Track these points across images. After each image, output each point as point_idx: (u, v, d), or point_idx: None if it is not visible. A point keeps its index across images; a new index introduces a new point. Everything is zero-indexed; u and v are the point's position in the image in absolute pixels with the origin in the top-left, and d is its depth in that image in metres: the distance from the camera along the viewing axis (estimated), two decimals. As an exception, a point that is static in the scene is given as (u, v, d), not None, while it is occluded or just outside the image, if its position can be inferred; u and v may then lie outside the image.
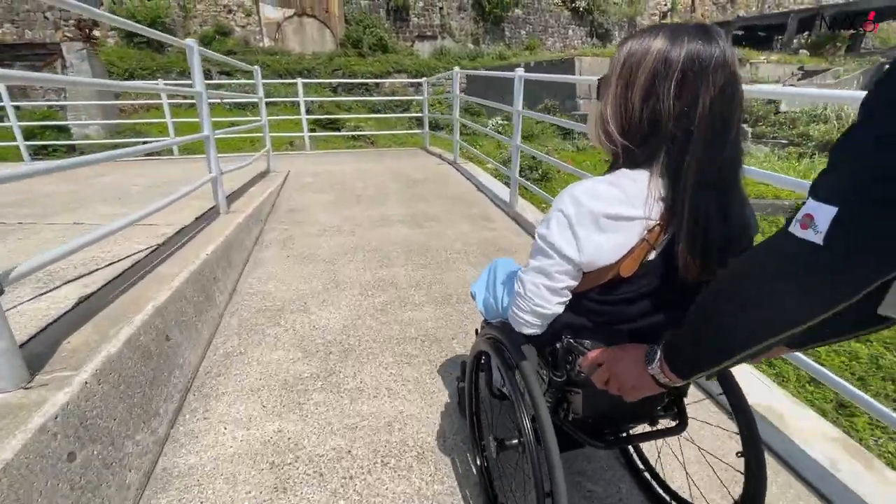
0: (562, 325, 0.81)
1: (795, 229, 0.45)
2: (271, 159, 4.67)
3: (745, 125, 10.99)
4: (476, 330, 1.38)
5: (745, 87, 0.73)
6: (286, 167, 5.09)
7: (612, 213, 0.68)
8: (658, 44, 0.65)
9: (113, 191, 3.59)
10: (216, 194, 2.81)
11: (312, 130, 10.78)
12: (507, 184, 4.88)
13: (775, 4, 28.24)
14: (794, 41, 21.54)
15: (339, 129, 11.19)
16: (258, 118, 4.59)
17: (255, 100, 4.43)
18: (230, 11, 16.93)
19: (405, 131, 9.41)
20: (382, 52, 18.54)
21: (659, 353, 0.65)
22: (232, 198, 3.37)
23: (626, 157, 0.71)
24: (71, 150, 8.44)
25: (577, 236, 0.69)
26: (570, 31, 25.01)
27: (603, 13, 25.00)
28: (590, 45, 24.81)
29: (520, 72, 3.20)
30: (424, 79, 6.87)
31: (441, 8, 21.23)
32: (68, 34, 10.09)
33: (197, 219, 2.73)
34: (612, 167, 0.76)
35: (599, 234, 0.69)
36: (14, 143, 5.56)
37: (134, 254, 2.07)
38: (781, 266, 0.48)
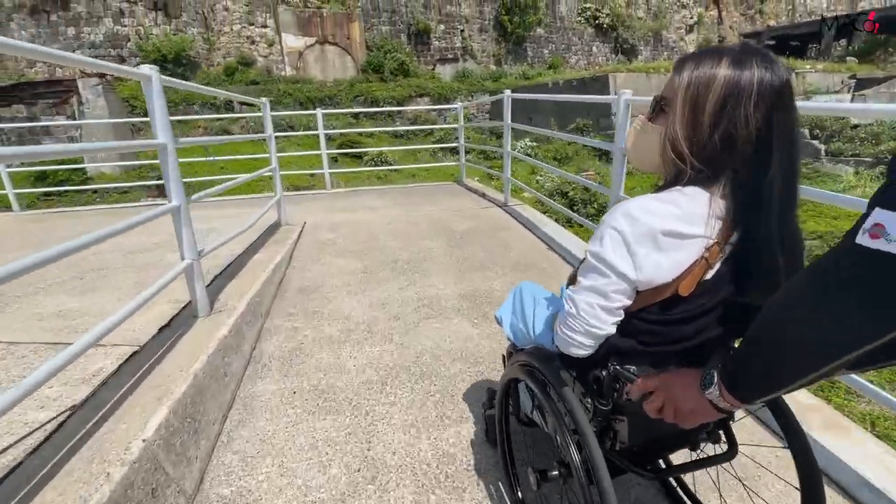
0: (607, 348, 0.78)
1: (864, 240, 0.43)
2: (284, 206, 3.81)
3: (816, 142, 9.73)
4: (502, 356, 1.33)
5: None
6: (302, 215, 4.23)
7: (670, 230, 0.67)
8: (724, 70, 0.65)
9: (83, 262, 2.75)
10: (192, 290, 1.90)
11: (335, 160, 10.09)
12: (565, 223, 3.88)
13: (807, 13, 27.12)
14: (833, 49, 20.29)
15: (361, 158, 10.47)
16: (280, 154, 3.74)
17: (264, 137, 3.60)
18: (253, 42, 16.87)
19: (438, 164, 8.49)
20: (404, 77, 18.16)
21: (716, 376, 0.63)
22: (225, 276, 2.47)
23: (691, 176, 0.70)
24: (80, 193, 7.92)
25: (633, 254, 0.68)
26: (595, 48, 24.64)
27: (627, 28, 24.65)
28: (615, 62, 24.29)
29: (626, 95, 2.22)
30: (460, 104, 6.01)
31: (462, 31, 20.95)
32: (84, 70, 9.82)
33: (162, 329, 1.82)
34: (666, 186, 0.74)
35: (658, 252, 0.67)
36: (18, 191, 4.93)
37: (15, 442, 1.15)
38: (851, 279, 0.45)
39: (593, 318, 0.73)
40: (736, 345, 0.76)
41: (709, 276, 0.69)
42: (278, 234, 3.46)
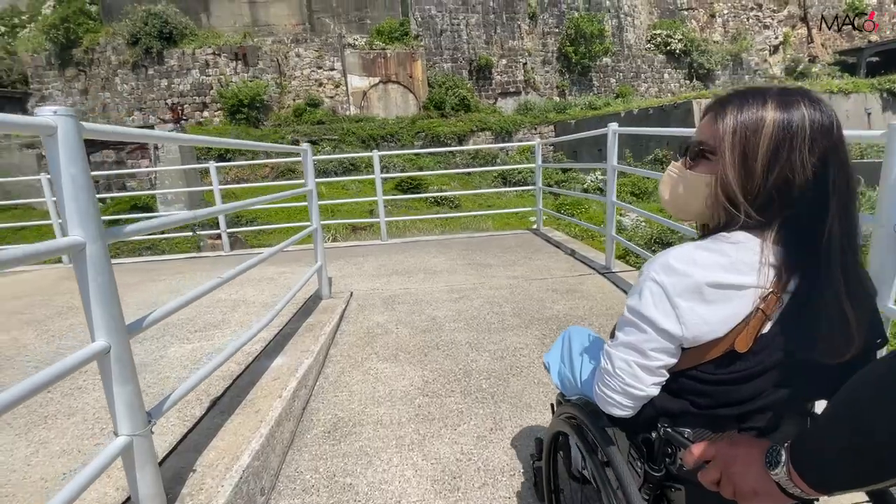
0: (655, 409, 0.68)
1: None
2: (326, 275, 3.05)
3: None
4: (551, 405, 1.22)
5: None
6: (350, 278, 3.47)
7: (717, 282, 0.61)
8: (772, 113, 0.61)
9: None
10: (132, 484, 1.08)
11: (393, 196, 9.60)
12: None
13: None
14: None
15: (420, 195, 9.89)
16: (325, 202, 3.03)
17: (303, 192, 2.91)
18: (321, 84, 17.51)
19: (514, 209, 7.55)
20: (465, 112, 17.85)
21: (784, 455, 0.51)
22: (221, 408, 1.66)
23: (738, 221, 0.65)
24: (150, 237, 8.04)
25: (677, 308, 0.62)
26: (666, 75, 23.19)
27: (703, 53, 22.98)
28: (689, 88, 22.61)
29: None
30: (538, 140, 5.12)
31: (525, 63, 20.49)
32: (162, 117, 10.34)
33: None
34: (711, 232, 0.69)
35: (704, 305, 0.62)
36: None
37: None
38: None
39: (630, 378, 0.66)
40: (817, 410, 0.64)
41: (766, 328, 0.62)
42: (315, 315, 2.68)
